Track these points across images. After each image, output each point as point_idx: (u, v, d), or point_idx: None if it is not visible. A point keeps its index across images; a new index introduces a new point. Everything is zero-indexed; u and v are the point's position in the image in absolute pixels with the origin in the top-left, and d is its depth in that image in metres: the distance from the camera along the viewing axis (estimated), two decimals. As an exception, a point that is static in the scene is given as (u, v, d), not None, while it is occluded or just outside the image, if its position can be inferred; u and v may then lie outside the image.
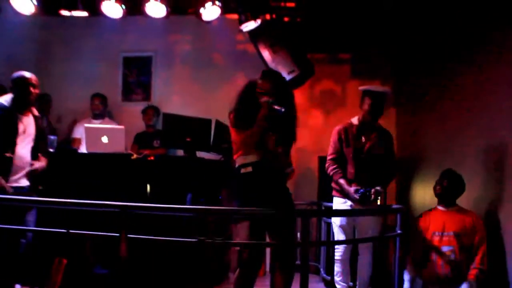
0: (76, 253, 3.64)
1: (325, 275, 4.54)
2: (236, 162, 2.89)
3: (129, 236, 2.50)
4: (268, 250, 3.75)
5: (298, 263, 2.82)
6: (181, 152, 4.90)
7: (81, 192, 3.29)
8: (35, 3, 4.74)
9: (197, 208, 3.66)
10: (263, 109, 2.80)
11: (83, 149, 4.92)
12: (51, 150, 4.02)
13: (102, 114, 5.43)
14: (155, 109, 5.49)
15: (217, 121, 4.56)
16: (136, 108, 5.67)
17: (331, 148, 3.76)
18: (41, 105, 4.67)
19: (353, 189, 3.55)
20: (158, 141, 5.21)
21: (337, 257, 3.71)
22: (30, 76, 3.58)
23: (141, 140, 5.32)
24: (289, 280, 2.79)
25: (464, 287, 3.39)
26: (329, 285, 4.24)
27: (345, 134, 3.70)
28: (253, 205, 2.73)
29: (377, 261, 3.69)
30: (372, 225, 3.61)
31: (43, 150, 3.67)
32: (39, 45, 5.84)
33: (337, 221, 3.72)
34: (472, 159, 3.84)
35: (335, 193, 3.76)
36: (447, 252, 3.45)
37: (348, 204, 3.66)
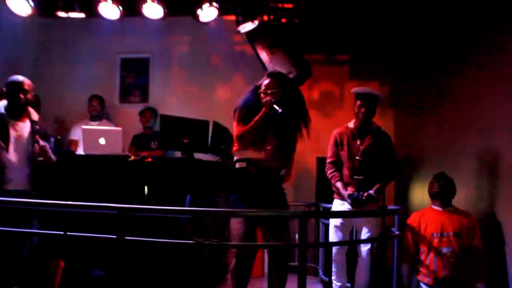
0: (74, 255, 3.63)
1: (323, 276, 4.53)
2: (234, 156, 2.97)
3: (126, 238, 2.49)
4: (267, 251, 3.75)
5: (296, 264, 2.81)
6: (179, 153, 4.90)
7: (79, 194, 3.28)
8: (32, 5, 4.73)
9: (193, 209, 3.66)
10: (264, 107, 2.84)
11: (80, 150, 4.91)
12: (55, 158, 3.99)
13: (99, 115, 5.42)
14: (152, 111, 5.49)
15: (214, 123, 4.55)
16: (133, 109, 5.66)
17: (328, 151, 3.83)
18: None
19: (346, 194, 3.61)
20: (155, 143, 5.21)
21: (332, 257, 3.76)
22: (22, 80, 3.50)
23: (138, 141, 5.32)
24: (282, 280, 2.82)
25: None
26: (327, 286, 4.24)
27: (341, 137, 3.76)
28: (246, 200, 2.79)
29: (375, 264, 3.68)
30: (369, 226, 3.62)
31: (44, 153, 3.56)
32: (36, 46, 5.85)
33: (332, 221, 3.80)
34: (470, 160, 3.84)
35: (335, 195, 3.82)
36: (446, 253, 3.43)
37: (346, 206, 3.69)
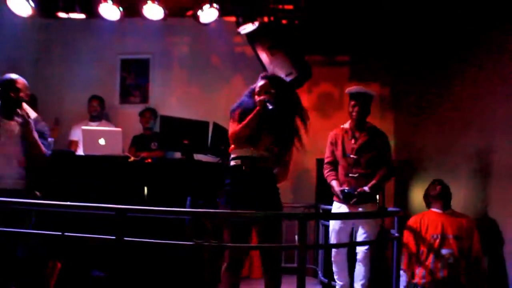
0: (73, 255, 3.63)
1: (323, 277, 4.53)
2: (230, 155, 3.00)
3: (125, 239, 2.49)
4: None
5: (295, 265, 2.80)
6: (178, 154, 4.89)
7: (78, 194, 3.28)
8: (32, 5, 4.73)
9: (192, 211, 3.66)
10: (257, 106, 2.86)
11: (80, 151, 4.91)
12: (48, 152, 3.98)
13: (99, 116, 5.42)
14: (152, 112, 5.49)
15: (214, 124, 4.55)
16: (133, 110, 5.66)
17: (326, 152, 3.90)
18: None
19: (339, 190, 3.64)
20: (155, 144, 5.21)
21: (332, 258, 3.78)
22: (14, 78, 3.43)
23: (138, 142, 5.31)
24: (277, 281, 2.84)
25: None
26: (327, 288, 4.24)
27: (336, 137, 3.83)
28: (240, 198, 2.82)
29: (374, 266, 3.68)
30: (366, 227, 3.61)
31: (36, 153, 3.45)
32: (36, 47, 5.84)
33: (331, 224, 3.82)
34: (470, 160, 3.84)
35: (335, 197, 3.83)
36: (446, 255, 3.43)
37: (344, 208, 3.69)
